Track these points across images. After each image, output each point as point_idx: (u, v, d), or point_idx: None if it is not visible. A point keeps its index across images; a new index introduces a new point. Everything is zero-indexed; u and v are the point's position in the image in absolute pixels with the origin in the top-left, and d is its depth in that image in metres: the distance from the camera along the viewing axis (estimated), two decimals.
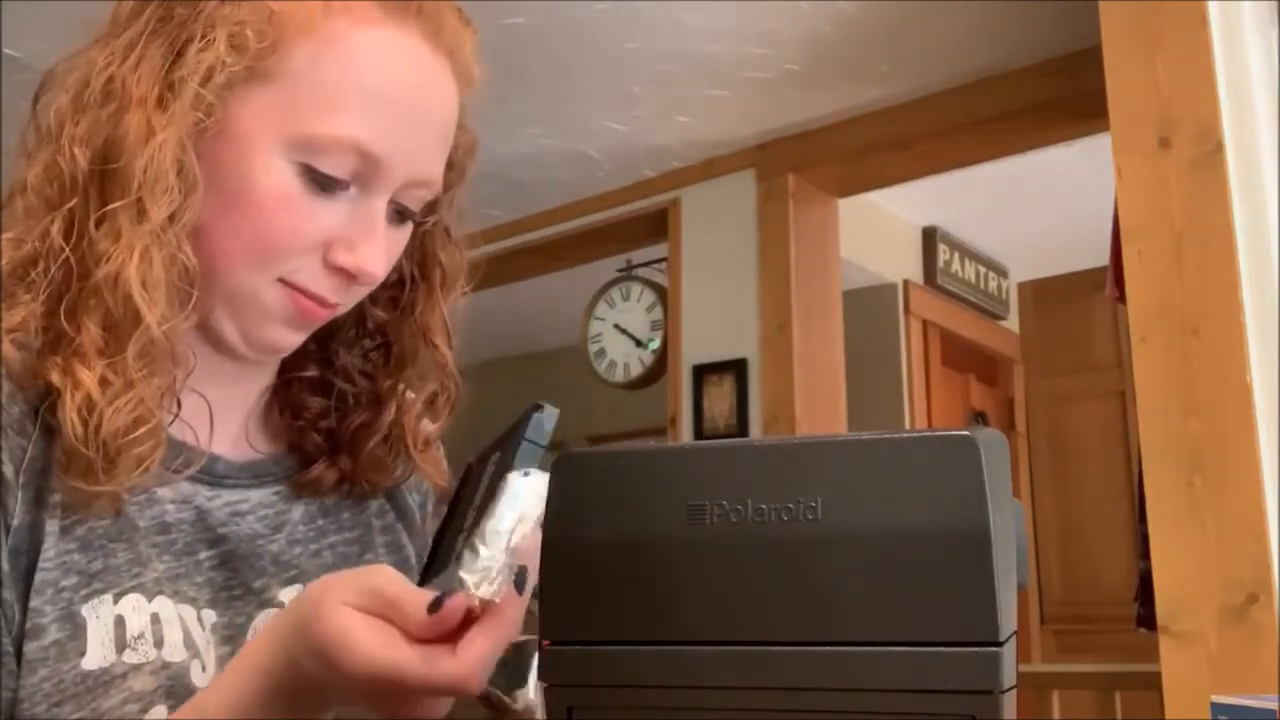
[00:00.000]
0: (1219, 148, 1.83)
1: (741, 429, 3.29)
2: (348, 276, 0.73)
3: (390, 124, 0.71)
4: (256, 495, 0.80)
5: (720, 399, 3.38)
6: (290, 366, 0.84)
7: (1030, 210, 4.21)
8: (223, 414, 0.80)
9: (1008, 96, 2.94)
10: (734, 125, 3.29)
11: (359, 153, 0.70)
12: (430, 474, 0.88)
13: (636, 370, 3.91)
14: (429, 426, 0.87)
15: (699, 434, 3.42)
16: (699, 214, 3.53)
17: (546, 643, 0.45)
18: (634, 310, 3.93)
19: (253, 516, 0.79)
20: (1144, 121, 1.91)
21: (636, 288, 3.94)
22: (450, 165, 0.81)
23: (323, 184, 0.71)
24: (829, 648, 0.41)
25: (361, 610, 0.57)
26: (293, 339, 0.76)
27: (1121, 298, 1.98)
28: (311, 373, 0.85)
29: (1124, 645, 3.14)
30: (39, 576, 0.67)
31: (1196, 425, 1.78)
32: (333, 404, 0.84)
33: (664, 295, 3.73)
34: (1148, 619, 2.02)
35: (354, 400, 0.85)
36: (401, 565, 0.86)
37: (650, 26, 2.73)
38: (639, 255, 3.93)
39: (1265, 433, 1.74)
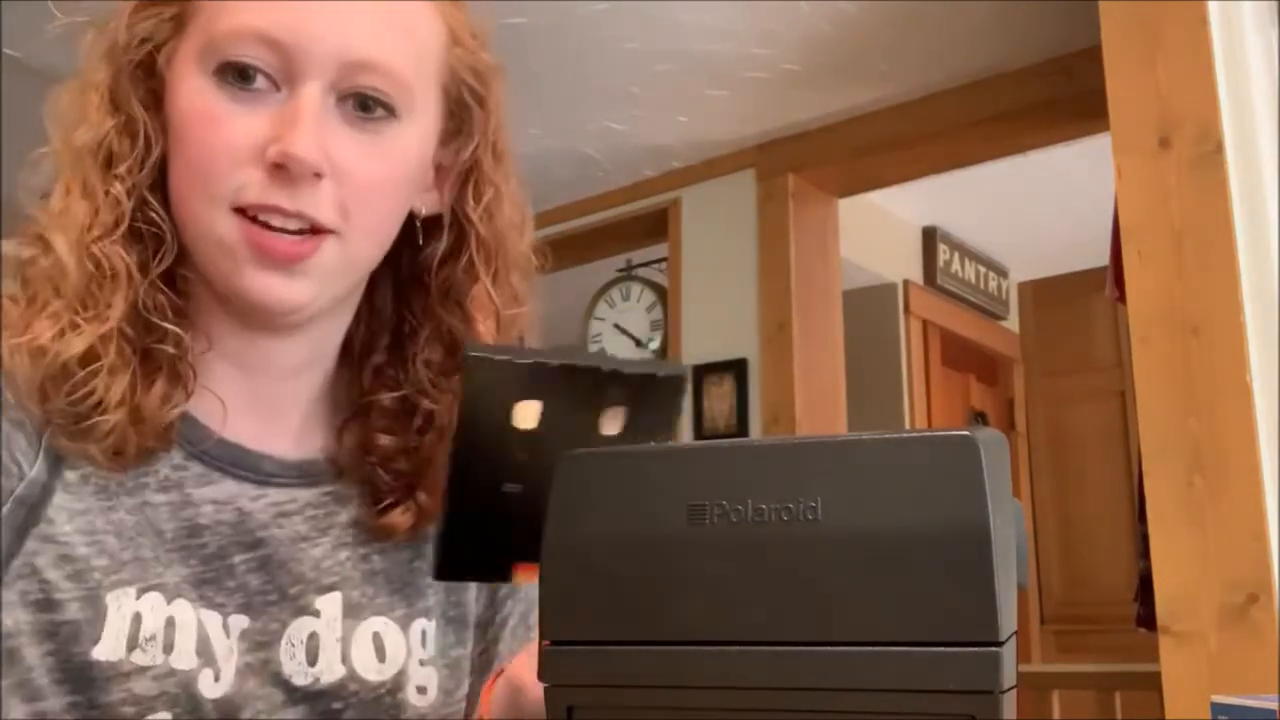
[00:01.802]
0: (1219, 148, 1.83)
1: (741, 429, 3.29)
2: (280, 171, 0.67)
3: (294, 5, 0.68)
4: (305, 495, 0.77)
5: (720, 399, 3.38)
6: (370, 391, 0.80)
7: (1030, 210, 4.22)
8: (279, 410, 0.78)
9: (1008, 96, 2.94)
10: (734, 125, 3.29)
11: (263, 41, 0.67)
12: None
13: None
14: None
15: (699, 434, 3.42)
16: (699, 214, 3.53)
17: (546, 643, 0.45)
18: (634, 310, 3.93)
19: (299, 518, 0.76)
20: (1144, 121, 1.91)
21: (636, 288, 3.94)
22: (475, 97, 0.77)
23: (234, 79, 0.68)
24: (829, 648, 0.40)
25: None
26: (289, 290, 0.70)
27: (1121, 298, 1.98)
28: (386, 401, 0.79)
29: (1124, 645, 3.14)
30: (69, 549, 0.67)
31: (1196, 425, 1.78)
32: (413, 426, 0.78)
33: (664, 295, 3.73)
34: (1148, 619, 2.02)
35: (433, 420, 0.79)
36: None
37: (650, 26, 2.73)
38: (639, 255, 3.93)
39: (1265, 433, 1.74)
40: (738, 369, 3.35)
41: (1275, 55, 1.95)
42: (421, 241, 0.79)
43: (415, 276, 0.80)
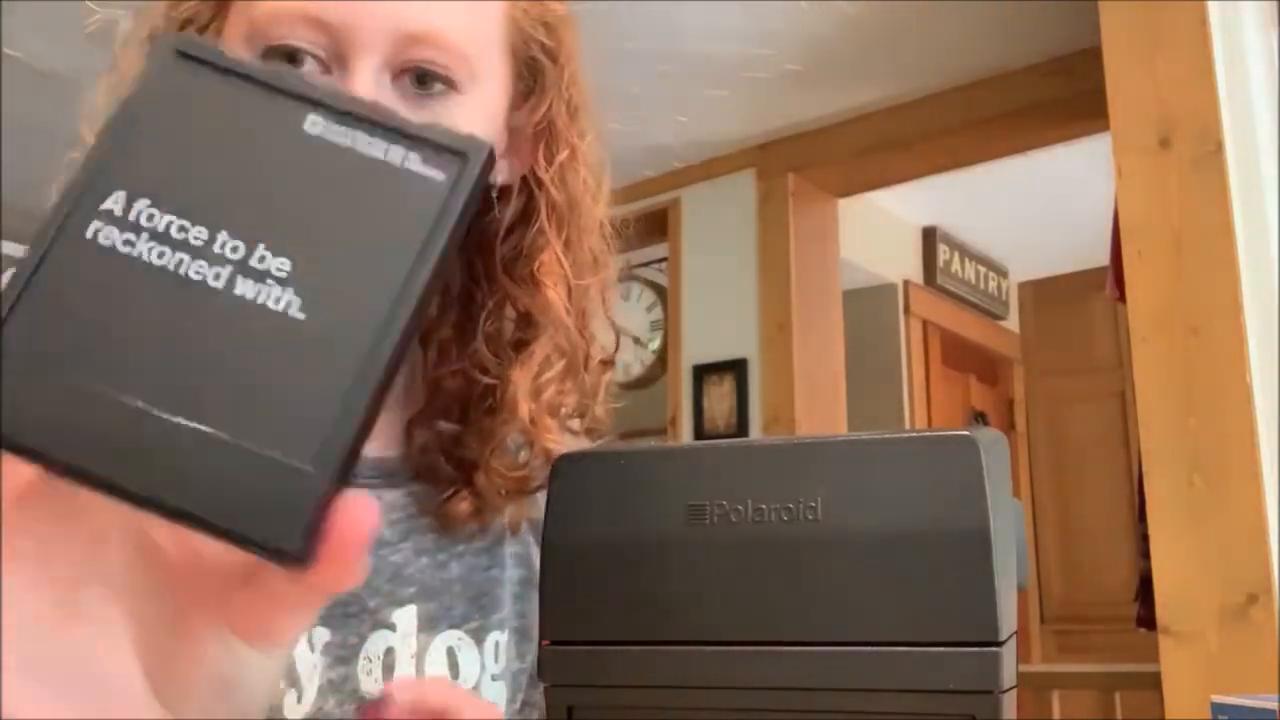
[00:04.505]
0: (1219, 148, 1.83)
1: (741, 429, 3.29)
2: None
3: None
4: (389, 496, 0.72)
5: (720, 399, 3.38)
6: (434, 367, 0.75)
7: (1030, 210, 4.22)
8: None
9: (1008, 96, 2.94)
10: (734, 125, 3.29)
11: (308, 22, 0.63)
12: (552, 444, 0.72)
13: (636, 370, 3.91)
14: (553, 398, 0.72)
15: (699, 434, 3.42)
16: (699, 214, 3.53)
17: (546, 642, 0.45)
18: (634, 310, 3.93)
19: (383, 521, 0.70)
20: (1144, 121, 1.91)
21: (636, 288, 3.94)
22: (547, 53, 0.72)
23: (286, 63, 0.63)
24: (829, 648, 0.41)
25: None
26: None
27: (1121, 298, 1.98)
28: (450, 379, 0.73)
29: (1124, 645, 3.14)
30: None
31: (1196, 425, 1.78)
32: (472, 405, 0.73)
33: (664, 295, 3.73)
34: (1148, 619, 2.02)
35: (500, 397, 0.72)
36: (526, 581, 0.77)
37: (650, 26, 2.73)
38: (639, 255, 3.93)
39: (1265, 433, 1.74)
40: (738, 369, 3.35)
41: (1275, 55, 1.95)
42: (494, 209, 0.73)
43: (483, 245, 0.74)
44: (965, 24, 2.71)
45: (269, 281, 0.29)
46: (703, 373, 3.43)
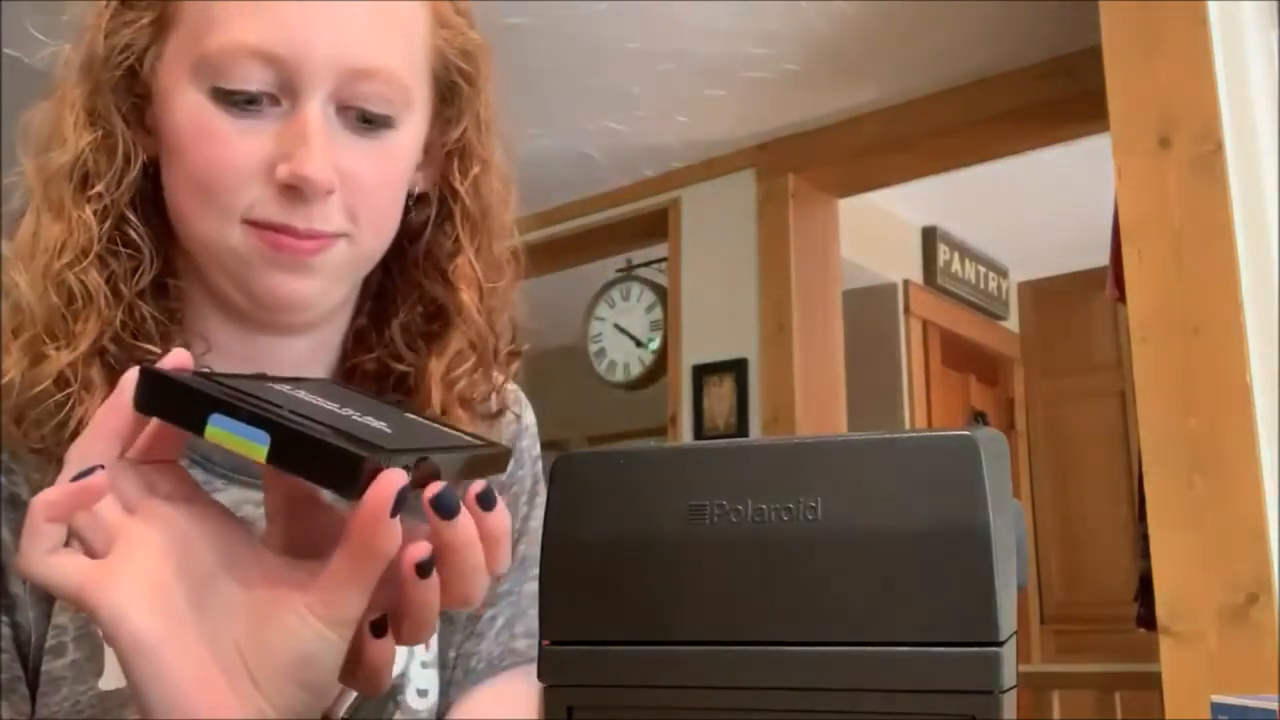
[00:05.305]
0: (1219, 148, 1.83)
1: (741, 429, 3.29)
2: (292, 191, 0.66)
3: (287, 17, 0.66)
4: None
5: (720, 399, 3.38)
6: (352, 355, 0.80)
7: (1030, 210, 4.22)
8: None
9: (1008, 96, 2.94)
10: (734, 125, 3.29)
11: (260, 57, 0.66)
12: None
13: (636, 370, 3.91)
14: (464, 389, 0.78)
15: (699, 434, 3.42)
16: (699, 214, 3.53)
17: (546, 642, 0.45)
18: (634, 310, 3.93)
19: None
20: (1144, 121, 1.91)
21: (636, 288, 3.94)
22: (465, 77, 0.76)
23: (236, 102, 0.66)
24: (829, 648, 0.41)
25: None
26: (299, 286, 0.69)
27: (1121, 298, 1.98)
28: (369, 364, 0.78)
29: (1124, 645, 3.15)
30: None
31: (1196, 425, 1.78)
32: (388, 393, 0.78)
33: (664, 295, 3.73)
34: (1148, 619, 2.02)
35: (414, 384, 0.78)
36: None
37: (650, 26, 2.73)
38: (639, 255, 3.93)
39: (1265, 433, 1.74)
40: (738, 369, 3.35)
41: (1275, 55, 1.95)
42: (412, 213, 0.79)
43: (399, 246, 0.78)
44: (965, 24, 2.71)
45: None
46: (703, 373, 3.43)
